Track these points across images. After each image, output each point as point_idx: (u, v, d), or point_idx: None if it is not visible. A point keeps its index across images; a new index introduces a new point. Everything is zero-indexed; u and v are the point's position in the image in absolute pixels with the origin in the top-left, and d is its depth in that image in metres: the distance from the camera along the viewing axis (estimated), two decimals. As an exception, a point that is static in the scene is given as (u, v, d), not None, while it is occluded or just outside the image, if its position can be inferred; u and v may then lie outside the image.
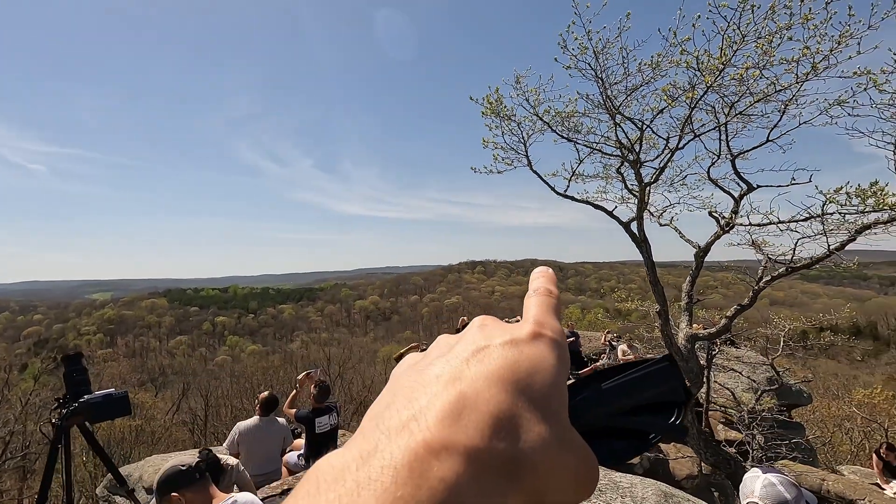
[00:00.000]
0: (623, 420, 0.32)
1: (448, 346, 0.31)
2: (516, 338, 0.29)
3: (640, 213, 5.94)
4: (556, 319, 0.32)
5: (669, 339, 5.76)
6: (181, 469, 2.34)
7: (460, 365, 0.27)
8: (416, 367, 0.30)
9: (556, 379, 0.28)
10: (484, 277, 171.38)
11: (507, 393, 0.25)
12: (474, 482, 0.22)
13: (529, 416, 0.25)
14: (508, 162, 6.18)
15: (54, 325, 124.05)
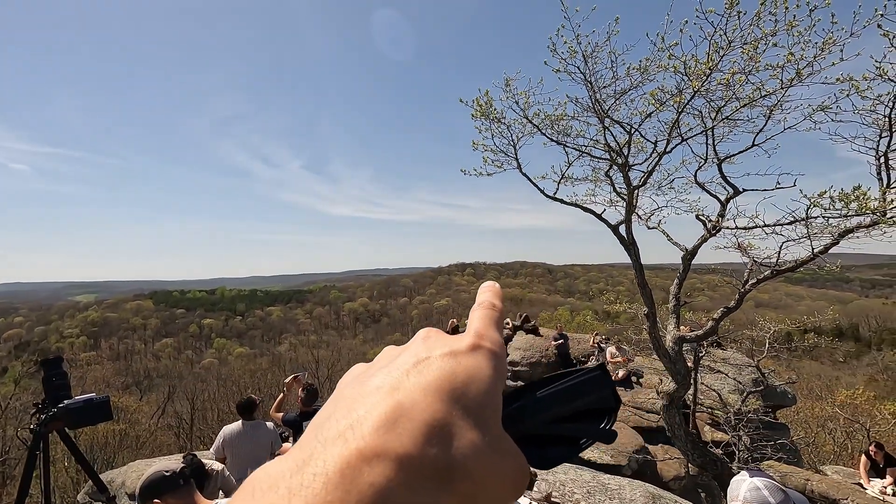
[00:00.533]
0: (556, 427, 0.34)
1: (391, 358, 0.32)
2: (456, 349, 0.31)
3: (628, 217, 5.98)
4: (498, 332, 0.34)
5: (657, 341, 5.80)
6: (164, 475, 2.28)
7: (400, 376, 0.29)
8: (360, 378, 0.31)
9: (491, 388, 0.30)
10: (474, 280, 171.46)
11: (443, 402, 0.27)
12: (405, 487, 0.23)
13: (463, 423, 0.27)
14: (498, 164, 6.19)
15: (36, 328, 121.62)
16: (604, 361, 12.97)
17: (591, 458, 9.72)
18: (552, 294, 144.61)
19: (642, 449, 10.13)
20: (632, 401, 12.30)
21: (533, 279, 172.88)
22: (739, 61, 4.56)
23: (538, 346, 15.83)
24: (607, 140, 5.76)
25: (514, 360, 15.35)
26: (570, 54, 4.89)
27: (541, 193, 6.13)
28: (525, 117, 5.52)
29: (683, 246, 6.32)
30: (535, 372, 15.03)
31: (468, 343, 0.32)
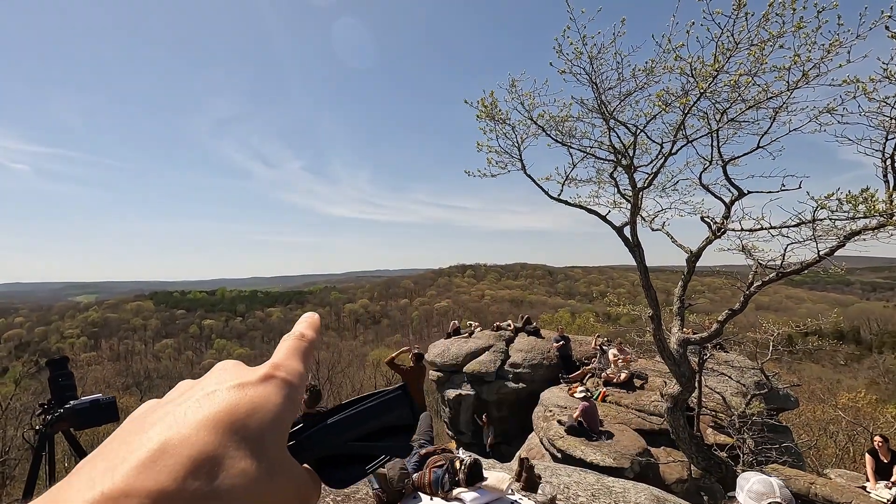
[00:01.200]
0: (353, 446, 0.37)
1: (181, 392, 0.33)
2: (245, 381, 0.32)
3: (633, 218, 5.96)
4: (301, 362, 0.36)
5: (662, 343, 5.78)
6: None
7: (180, 412, 0.29)
8: (144, 415, 0.31)
9: (277, 416, 0.31)
10: (474, 281, 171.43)
11: (217, 434, 0.28)
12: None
13: (237, 453, 0.27)
14: (502, 165, 6.17)
15: (36, 328, 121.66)
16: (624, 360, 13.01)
17: (594, 460, 9.69)
18: (553, 296, 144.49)
19: (645, 451, 10.09)
20: (634, 403, 12.27)
21: (533, 281, 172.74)
22: (746, 63, 4.55)
23: (540, 348, 15.80)
24: (612, 141, 5.74)
25: (515, 362, 15.31)
26: (576, 55, 4.88)
27: (545, 195, 6.13)
28: (530, 118, 5.51)
29: (688, 248, 6.30)
30: (536, 374, 15.00)
31: (260, 374, 0.33)
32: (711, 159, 5.93)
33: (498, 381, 15.09)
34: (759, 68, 4.59)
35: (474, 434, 14.94)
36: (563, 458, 10.37)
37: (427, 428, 5.50)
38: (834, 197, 4.37)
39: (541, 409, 12.88)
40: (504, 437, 14.47)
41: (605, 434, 10.70)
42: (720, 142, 5.97)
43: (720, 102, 5.21)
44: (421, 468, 4.55)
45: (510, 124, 5.54)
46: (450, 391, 15.42)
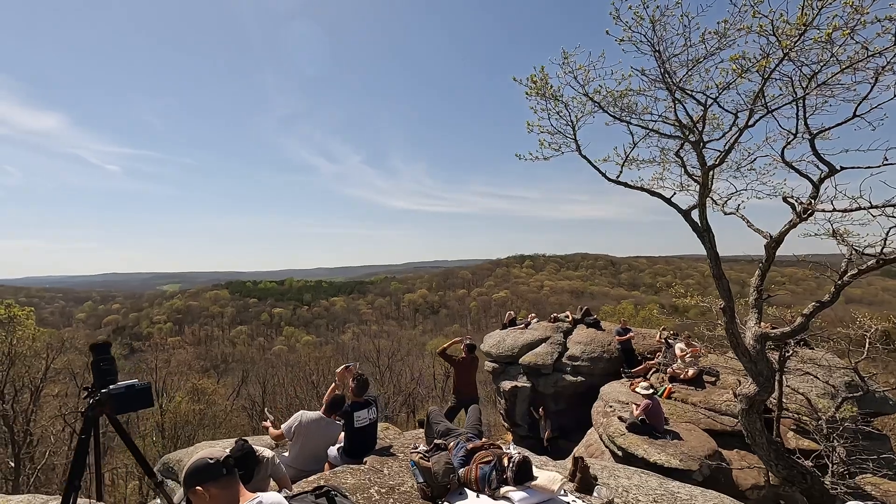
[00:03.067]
0: None
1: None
2: None
3: (702, 200, 5.39)
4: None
5: (735, 338, 5.21)
6: (208, 462, 2.22)
7: None
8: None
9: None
10: (533, 272, 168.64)
11: None
12: None
13: None
14: (556, 147, 5.79)
15: (130, 314, 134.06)
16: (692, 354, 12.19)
17: (658, 461, 9.11)
18: (615, 287, 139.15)
19: (716, 454, 9.36)
20: (704, 401, 11.44)
21: (595, 271, 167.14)
22: (842, 15, 3.90)
23: (600, 341, 15.15)
24: (678, 115, 5.20)
25: (573, 355, 14.78)
26: (637, 20, 4.41)
27: (603, 177, 5.68)
28: (585, 94, 5.08)
29: (767, 233, 5.64)
30: (596, 367, 14.41)
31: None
32: (797, 132, 5.22)
33: (555, 373, 14.65)
34: (858, 20, 3.93)
35: (531, 427, 14.62)
36: (623, 456, 9.86)
37: (475, 421, 5.31)
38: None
39: (601, 404, 12.35)
40: (562, 432, 14.04)
41: (671, 433, 10.05)
42: (807, 112, 5.25)
43: (808, 65, 4.54)
44: (468, 463, 4.37)
45: (563, 101, 5.16)
46: (505, 382, 15.18)
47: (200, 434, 26.84)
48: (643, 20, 4.40)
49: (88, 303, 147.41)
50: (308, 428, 5.35)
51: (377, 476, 4.47)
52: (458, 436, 4.83)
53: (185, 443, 25.55)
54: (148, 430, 26.71)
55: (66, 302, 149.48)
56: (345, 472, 4.49)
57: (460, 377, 8.86)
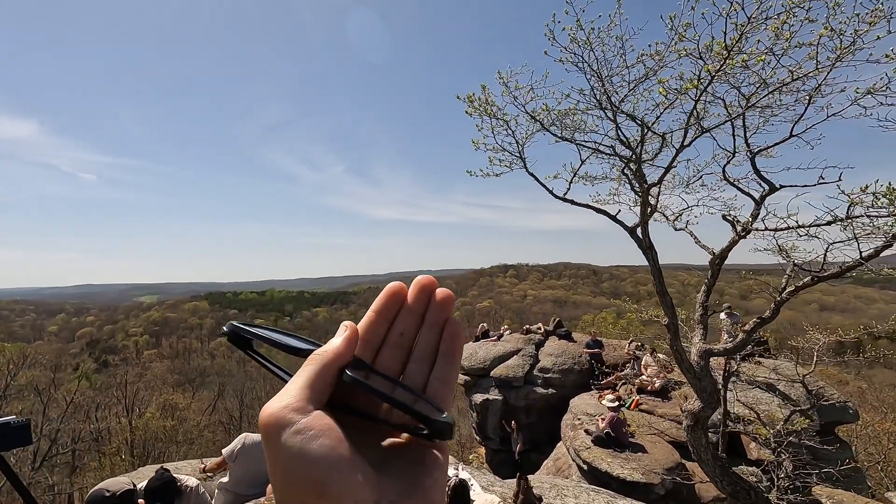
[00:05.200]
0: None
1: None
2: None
3: (644, 218, 5.44)
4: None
5: (680, 354, 5.24)
6: (104, 495, 2.15)
7: None
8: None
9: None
10: (516, 281, 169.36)
11: None
12: None
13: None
14: (507, 164, 5.81)
15: (105, 327, 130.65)
16: (656, 368, 12.28)
17: (621, 475, 9.11)
18: (597, 296, 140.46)
19: (678, 466, 9.39)
20: (670, 413, 11.51)
21: (577, 280, 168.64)
22: (765, 40, 3.99)
23: (571, 352, 15.18)
24: (620, 135, 5.26)
25: (545, 367, 14.77)
26: (571, 40, 4.46)
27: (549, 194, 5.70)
28: (527, 113, 5.12)
29: (711, 249, 5.71)
30: (567, 379, 14.42)
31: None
32: (734, 151, 5.34)
33: (526, 385, 14.62)
34: (782, 46, 4.03)
35: (503, 440, 14.52)
36: (588, 470, 9.84)
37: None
38: (869, 190, 3.76)
39: (569, 417, 12.34)
40: (533, 445, 13.98)
41: (636, 446, 10.08)
42: (747, 131, 5.36)
43: (742, 86, 4.64)
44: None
45: (505, 120, 5.17)
46: (477, 395, 15.09)
47: (173, 450, 26.10)
48: (578, 41, 4.46)
49: (61, 315, 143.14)
50: (251, 450, 5.20)
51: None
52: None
53: (156, 460, 24.79)
54: (117, 446, 25.93)
55: (37, 315, 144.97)
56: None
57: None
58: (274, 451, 0.35)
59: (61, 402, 26.09)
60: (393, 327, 0.47)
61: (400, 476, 0.39)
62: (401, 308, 0.48)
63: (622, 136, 5.25)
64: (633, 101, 4.96)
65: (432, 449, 0.42)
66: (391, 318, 0.48)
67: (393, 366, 0.46)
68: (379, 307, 0.48)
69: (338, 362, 0.40)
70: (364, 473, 0.36)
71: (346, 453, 0.35)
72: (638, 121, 4.99)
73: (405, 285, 0.49)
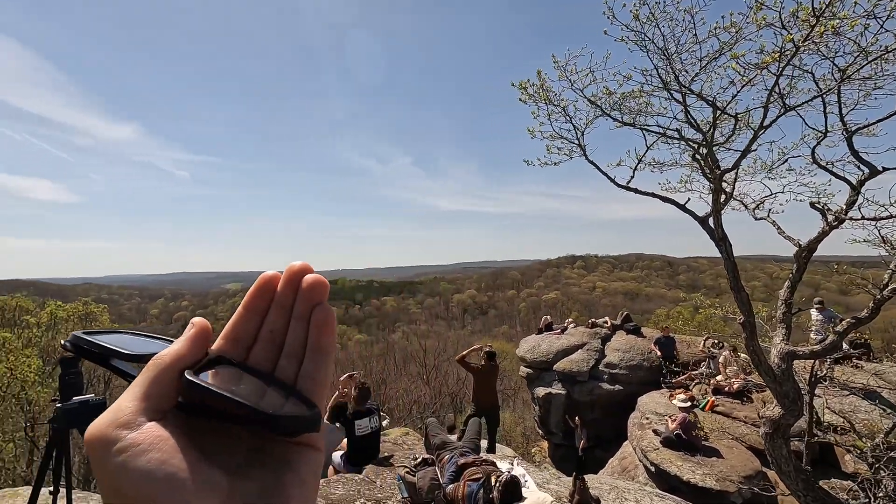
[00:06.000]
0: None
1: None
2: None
3: (716, 207, 4.99)
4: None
5: (757, 356, 4.79)
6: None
7: None
8: None
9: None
10: (584, 273, 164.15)
11: None
12: None
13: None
14: (566, 152, 5.57)
15: (197, 311, 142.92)
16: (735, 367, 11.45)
17: (691, 479, 8.59)
18: (672, 289, 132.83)
19: (758, 475, 8.69)
20: (751, 417, 10.65)
21: (650, 272, 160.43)
22: (864, 1, 3.47)
23: (639, 348, 14.49)
24: (689, 118, 4.85)
25: (611, 362, 14.22)
26: (633, 17, 4.14)
27: (611, 182, 5.39)
28: (586, 98, 4.85)
29: (798, 241, 5.15)
30: (634, 376, 13.79)
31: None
32: (826, 130, 4.74)
33: (591, 381, 14.17)
34: (886, 7, 3.48)
35: (566, 435, 14.19)
36: (656, 472, 9.37)
37: (473, 435, 5.21)
38: None
39: (637, 415, 11.81)
40: (598, 441, 13.55)
41: (710, 450, 9.44)
42: (843, 107, 4.74)
43: (835, 57, 4.09)
44: (457, 479, 4.29)
45: (562, 107, 4.93)
46: (539, 389, 14.83)
47: (252, 428, 28.25)
48: (641, 17, 4.13)
49: (161, 300, 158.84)
50: (311, 435, 5.45)
51: (368, 488, 4.48)
52: (452, 449, 4.75)
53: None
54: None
55: (141, 299, 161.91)
56: (337, 482, 4.53)
57: (479, 385, 8.74)
58: (99, 471, 0.33)
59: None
60: (264, 322, 0.43)
61: (261, 476, 0.36)
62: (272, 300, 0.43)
63: (691, 118, 4.83)
64: (703, 79, 4.54)
65: (300, 445, 0.39)
66: (263, 311, 0.43)
67: (266, 364, 0.42)
68: (247, 301, 0.43)
69: (177, 365, 0.37)
70: (209, 480, 0.33)
71: (181, 464, 0.33)
72: (709, 101, 4.56)
73: (279, 275, 0.44)
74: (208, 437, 0.36)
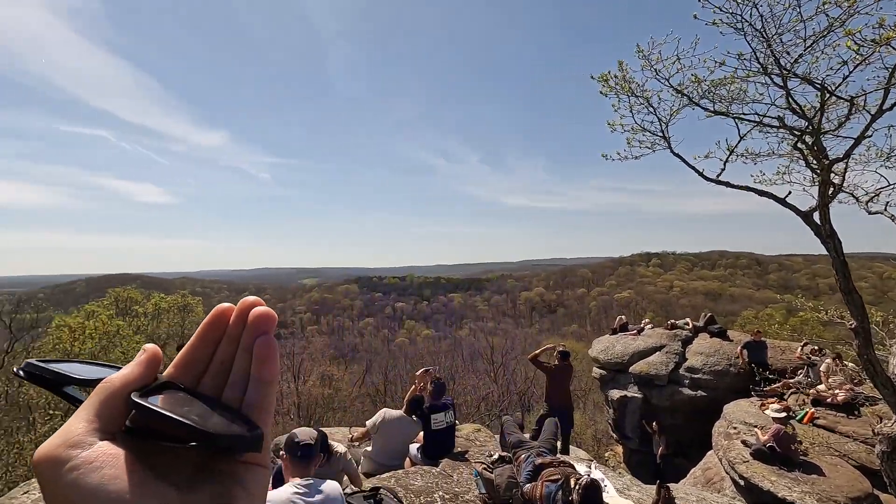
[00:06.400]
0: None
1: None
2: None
3: (823, 200, 4.52)
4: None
5: (872, 365, 4.31)
6: (293, 440, 2.98)
7: None
8: None
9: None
10: (661, 271, 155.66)
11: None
12: None
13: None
14: (647, 145, 5.32)
15: (277, 304, 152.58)
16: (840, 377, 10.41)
17: (787, 496, 7.90)
18: (761, 289, 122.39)
19: (869, 497, 7.81)
20: (858, 432, 9.59)
21: (735, 271, 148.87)
22: None
23: (725, 352, 13.51)
24: (791, 103, 4.43)
25: (693, 366, 13.39)
26: (728, 0, 3.84)
27: (700, 176, 5.06)
28: (672, 87, 4.58)
29: (923, 237, 4.57)
30: (720, 381, 12.89)
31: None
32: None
33: (671, 385, 13.43)
34: None
35: (642, 441, 13.59)
36: (746, 486, 8.71)
37: (550, 435, 5.13)
38: None
39: (723, 424, 11.03)
40: (678, 449, 12.84)
41: (809, 467, 8.62)
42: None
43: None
44: (534, 479, 4.25)
45: (646, 98, 4.69)
46: (614, 391, 14.31)
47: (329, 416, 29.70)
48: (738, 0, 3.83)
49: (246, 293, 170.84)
50: (389, 425, 5.65)
51: (445, 481, 4.57)
52: (529, 449, 4.72)
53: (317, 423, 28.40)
54: (287, 407, 30.38)
55: (229, 292, 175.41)
56: (416, 474, 4.67)
57: (553, 385, 8.59)
58: (50, 491, 0.34)
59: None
60: (216, 353, 0.44)
61: (211, 492, 0.38)
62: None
63: (794, 104, 4.42)
64: (808, 61, 4.13)
65: (247, 463, 0.41)
66: (215, 342, 0.44)
67: (215, 392, 0.44)
68: (200, 332, 0.44)
69: (126, 388, 0.39)
70: (160, 493, 0.35)
71: (133, 479, 0.34)
72: (817, 84, 4.15)
73: (232, 308, 0.45)
74: (157, 457, 0.37)
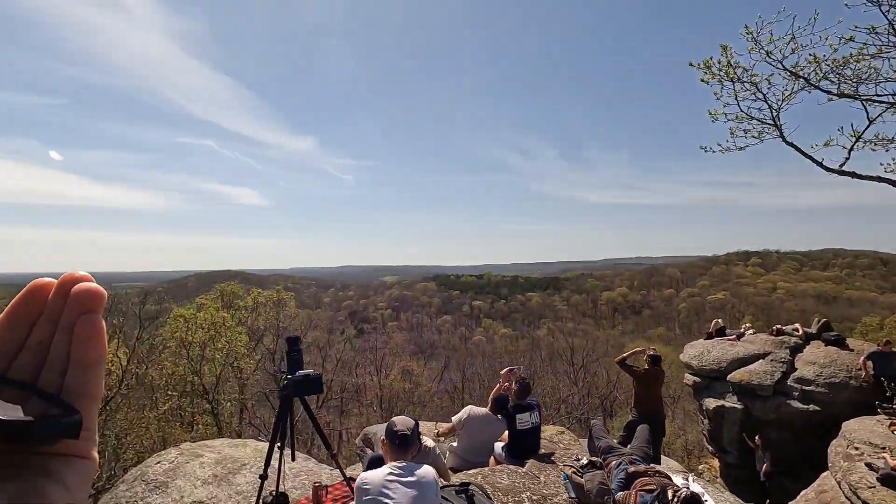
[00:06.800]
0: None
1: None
2: None
3: (980, 191, 3.86)
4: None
5: None
6: (394, 427, 3.19)
7: None
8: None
9: None
10: (761, 271, 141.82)
11: None
12: None
13: None
14: (754, 134, 4.87)
15: (360, 300, 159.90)
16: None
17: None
18: (886, 293, 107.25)
19: None
20: None
21: (853, 272, 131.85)
22: None
23: (843, 363, 12.02)
24: (938, 79, 3.82)
25: (804, 377, 12.07)
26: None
27: (819, 167, 4.54)
28: (787, 70, 4.14)
29: None
30: (837, 395, 11.50)
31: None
32: None
33: (777, 397, 12.21)
34: None
35: (741, 455, 12.50)
36: (871, 515, 7.72)
37: (643, 443, 4.89)
38: None
39: (842, 444, 9.84)
40: (785, 468, 11.65)
41: (954, 498, 7.44)
42: None
43: None
44: (627, 487, 4.09)
45: (754, 83, 4.28)
46: (709, 400, 13.28)
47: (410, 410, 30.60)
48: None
49: (332, 290, 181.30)
50: (474, 422, 5.71)
51: (532, 482, 4.53)
52: (620, 455, 4.54)
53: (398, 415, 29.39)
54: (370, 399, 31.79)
55: (317, 288, 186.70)
56: (503, 472, 4.68)
57: (642, 391, 8.19)
58: None
59: (333, 358, 33.22)
60: (32, 332, 0.40)
61: (12, 488, 0.35)
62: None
63: (943, 80, 3.82)
64: (963, 29, 3.54)
65: (64, 456, 0.38)
66: (30, 321, 0.40)
67: (30, 377, 0.39)
68: (10, 310, 0.40)
69: None
70: None
71: None
72: (973, 56, 3.55)
73: (52, 282, 0.40)
74: None
